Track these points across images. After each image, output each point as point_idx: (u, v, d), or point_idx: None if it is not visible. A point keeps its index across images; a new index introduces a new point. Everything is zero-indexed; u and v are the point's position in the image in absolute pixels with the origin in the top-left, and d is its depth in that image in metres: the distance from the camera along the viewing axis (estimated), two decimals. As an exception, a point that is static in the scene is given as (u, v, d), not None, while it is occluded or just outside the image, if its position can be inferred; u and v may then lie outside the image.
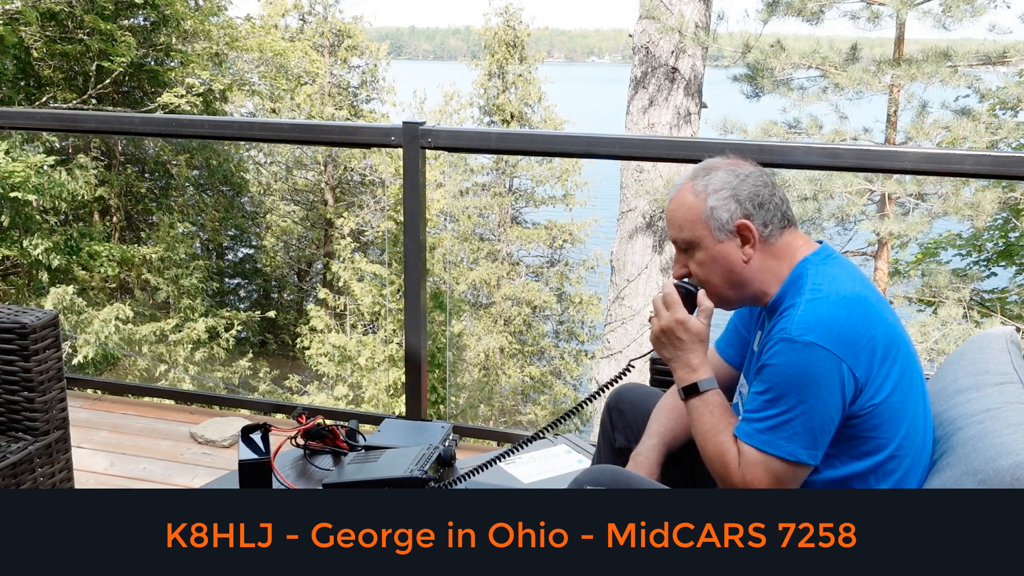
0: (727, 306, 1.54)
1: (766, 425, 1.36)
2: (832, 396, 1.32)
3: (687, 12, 6.75)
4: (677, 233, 1.49)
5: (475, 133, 6.30)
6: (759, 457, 1.36)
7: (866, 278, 1.46)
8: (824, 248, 1.48)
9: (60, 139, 12.63)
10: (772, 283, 1.46)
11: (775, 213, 1.46)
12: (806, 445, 1.34)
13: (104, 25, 11.92)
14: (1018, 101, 8.45)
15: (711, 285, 1.49)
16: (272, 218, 17.39)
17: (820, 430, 1.33)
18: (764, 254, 1.46)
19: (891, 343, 1.36)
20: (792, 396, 1.33)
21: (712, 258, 1.46)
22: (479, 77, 17.96)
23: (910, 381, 1.38)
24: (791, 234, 1.48)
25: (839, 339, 1.32)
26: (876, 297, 1.40)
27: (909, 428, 1.38)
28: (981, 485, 1.18)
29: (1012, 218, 9.72)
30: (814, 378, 1.32)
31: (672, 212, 1.50)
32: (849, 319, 1.34)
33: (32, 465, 2.10)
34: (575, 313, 17.31)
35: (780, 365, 1.35)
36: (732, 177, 1.46)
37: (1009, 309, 8.54)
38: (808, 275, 1.42)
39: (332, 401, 13.67)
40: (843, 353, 1.32)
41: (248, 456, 1.72)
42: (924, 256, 10.48)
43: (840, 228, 8.72)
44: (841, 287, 1.38)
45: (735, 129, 8.60)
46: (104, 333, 11.35)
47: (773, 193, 1.48)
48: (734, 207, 1.44)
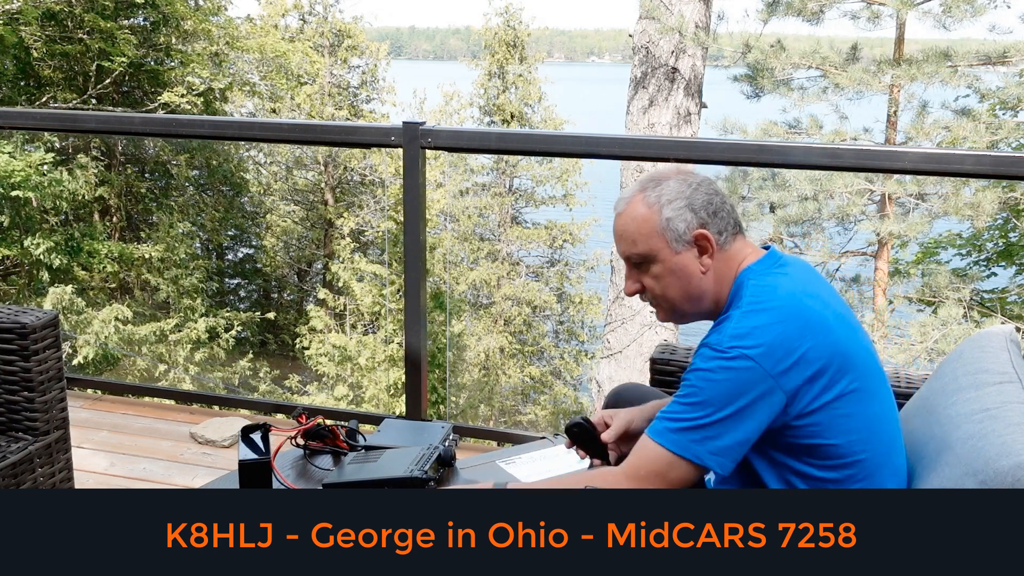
0: (681, 321, 1.50)
1: (680, 427, 1.33)
2: (753, 408, 1.29)
3: (687, 12, 6.75)
4: (630, 248, 1.44)
5: (475, 133, 6.30)
6: (664, 455, 1.33)
7: (819, 283, 1.43)
8: (770, 255, 1.45)
9: (60, 139, 12.63)
10: (724, 293, 1.43)
11: (728, 220, 1.44)
12: (715, 451, 1.31)
13: (104, 25, 11.93)
14: (1018, 101, 8.46)
15: (667, 300, 1.46)
16: (272, 218, 17.40)
17: (736, 440, 1.31)
18: (719, 263, 1.43)
19: (835, 353, 1.32)
20: (712, 403, 1.31)
21: (670, 271, 1.42)
22: (479, 77, 17.96)
23: (864, 392, 1.35)
24: (740, 241, 1.45)
25: (768, 352, 1.29)
26: (822, 306, 1.35)
27: (863, 440, 1.35)
28: (982, 485, 1.18)
29: (1012, 218, 9.72)
30: (737, 388, 1.29)
31: (623, 226, 1.44)
32: (783, 332, 1.30)
33: (32, 465, 2.10)
34: (575, 313, 17.31)
35: (705, 370, 1.32)
36: (684, 187, 1.43)
37: (1009, 309, 8.54)
38: (747, 285, 1.39)
39: (332, 401, 13.67)
40: (771, 367, 1.29)
41: (248, 456, 1.72)
42: (924, 256, 10.49)
43: (840, 228, 8.73)
44: (780, 297, 1.34)
45: (735, 129, 8.61)
46: (104, 333, 11.36)
47: (724, 201, 1.45)
48: (690, 217, 1.41)
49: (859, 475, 1.35)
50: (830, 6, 8.15)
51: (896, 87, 8.20)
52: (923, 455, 1.39)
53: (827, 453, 1.34)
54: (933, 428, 1.41)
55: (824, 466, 1.35)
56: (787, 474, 1.37)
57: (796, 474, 1.37)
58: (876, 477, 1.37)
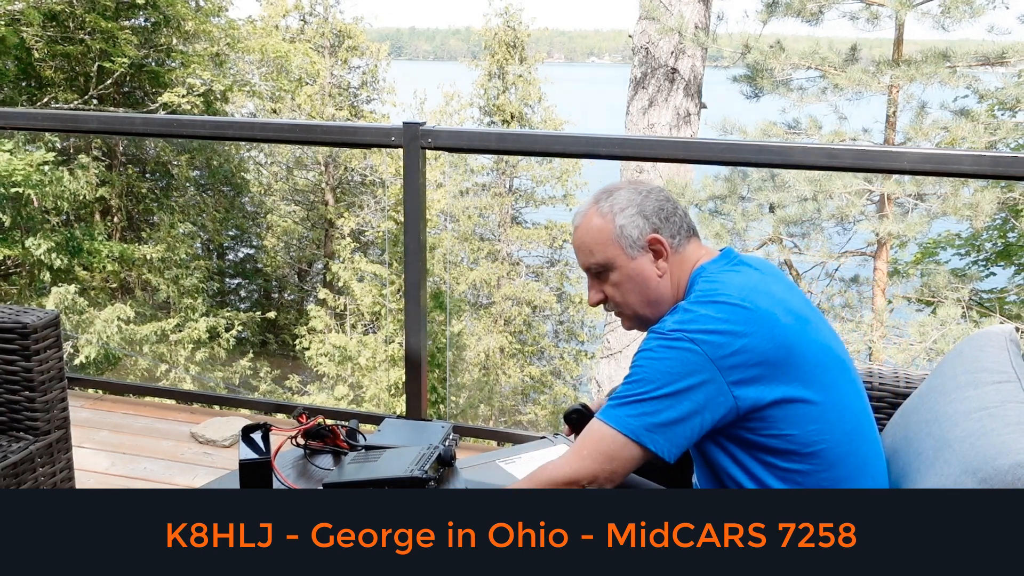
0: (644, 327, 1.53)
1: (619, 402, 1.35)
2: (693, 391, 1.31)
3: (687, 13, 6.76)
4: (588, 258, 1.49)
5: (475, 133, 6.30)
6: (602, 428, 1.35)
7: (775, 280, 1.44)
8: (725, 254, 1.48)
9: (61, 139, 12.64)
10: (682, 295, 1.47)
11: (680, 225, 1.48)
12: (650, 428, 1.32)
13: (105, 25, 11.94)
14: (1017, 102, 8.45)
15: (628, 306, 1.50)
16: (273, 218, 17.41)
17: (672, 418, 1.32)
18: (674, 266, 1.47)
19: (781, 346, 1.33)
20: (650, 382, 1.33)
21: (628, 277, 1.47)
22: (479, 77, 17.97)
23: (816, 385, 1.36)
24: (694, 244, 1.50)
25: (710, 338, 1.31)
26: (772, 302, 1.37)
27: (819, 430, 1.36)
28: (981, 484, 1.18)
29: (1011, 218, 9.73)
30: (676, 367, 1.32)
31: (580, 238, 1.50)
32: (727, 321, 1.33)
33: (33, 465, 2.11)
34: (575, 313, 17.32)
35: (647, 350, 1.36)
36: (635, 195, 1.48)
37: (1008, 309, 8.54)
38: (698, 282, 1.43)
39: (332, 401, 13.68)
40: (712, 352, 1.31)
41: (248, 456, 1.72)
42: (923, 256, 10.49)
43: (839, 228, 8.73)
44: (727, 291, 1.37)
45: (735, 129, 8.61)
46: (106, 333, 11.37)
47: (676, 207, 1.49)
48: (642, 223, 1.46)
49: (823, 464, 1.37)
50: (829, 7, 8.15)
51: (895, 88, 8.21)
52: (921, 453, 1.39)
53: (786, 446, 1.36)
54: (931, 426, 1.41)
55: (787, 459, 1.37)
56: (756, 469, 1.39)
57: (764, 466, 1.39)
58: (840, 467, 1.38)
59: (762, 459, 1.38)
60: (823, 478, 1.38)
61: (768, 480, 1.39)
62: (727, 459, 1.41)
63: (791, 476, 1.38)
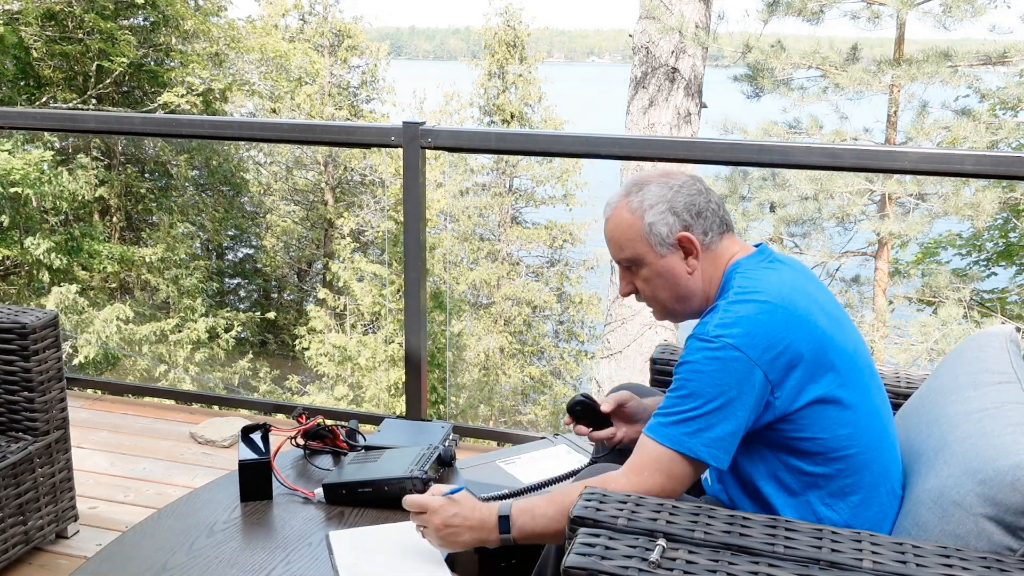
0: (675, 319, 1.53)
1: (671, 420, 1.33)
2: (742, 398, 1.30)
3: (687, 12, 6.75)
4: (619, 253, 1.48)
5: (475, 133, 6.29)
6: (658, 448, 1.33)
7: (809, 281, 1.44)
8: (760, 251, 1.46)
9: (60, 139, 12.63)
10: (714, 291, 1.45)
11: (713, 220, 1.45)
12: (708, 443, 1.31)
13: (104, 25, 11.93)
14: (1018, 101, 8.45)
15: (659, 301, 1.49)
16: (272, 218, 17.40)
17: (728, 430, 1.31)
18: (706, 263, 1.45)
19: (819, 348, 1.33)
20: (702, 394, 1.31)
21: (657, 273, 1.45)
22: (479, 77, 17.96)
23: (850, 388, 1.35)
24: (729, 239, 1.47)
25: (753, 341, 1.30)
26: (808, 300, 1.36)
27: (850, 435, 1.35)
28: (981, 485, 1.18)
29: (1012, 218, 9.72)
30: (725, 377, 1.30)
31: (611, 232, 1.48)
32: (768, 322, 1.31)
33: (32, 465, 2.10)
34: (575, 313, 17.31)
35: (693, 363, 1.33)
36: (666, 190, 1.45)
37: (1009, 309, 8.54)
38: (735, 278, 1.41)
39: (332, 401, 13.68)
40: (757, 356, 1.29)
41: (248, 456, 1.72)
42: (924, 256, 10.49)
43: (840, 228, 8.73)
44: (766, 289, 1.35)
45: (735, 129, 8.62)
46: (105, 333, 11.36)
47: (709, 200, 1.46)
48: (672, 220, 1.43)
49: (848, 470, 1.36)
50: (830, 6, 8.15)
51: (896, 87, 8.20)
52: (922, 454, 1.39)
53: (814, 448, 1.35)
54: (932, 427, 1.41)
55: (813, 461, 1.36)
56: (777, 470, 1.38)
57: (786, 468, 1.37)
58: (865, 472, 1.37)
59: (785, 460, 1.37)
60: (844, 484, 1.36)
61: (788, 481, 1.38)
62: (749, 457, 1.39)
63: (813, 479, 1.37)
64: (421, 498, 1.46)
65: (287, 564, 1.48)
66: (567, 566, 1.05)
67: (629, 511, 1.17)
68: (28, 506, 2.12)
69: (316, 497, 1.70)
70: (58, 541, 2.27)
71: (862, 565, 1.06)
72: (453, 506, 1.43)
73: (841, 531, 1.14)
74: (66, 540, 2.28)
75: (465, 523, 1.41)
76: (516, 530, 1.40)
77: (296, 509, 1.67)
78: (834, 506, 1.36)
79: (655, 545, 1.09)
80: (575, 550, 1.08)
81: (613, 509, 1.17)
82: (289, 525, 1.62)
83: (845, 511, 1.36)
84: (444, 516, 1.42)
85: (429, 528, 1.44)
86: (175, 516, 1.65)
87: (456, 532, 1.42)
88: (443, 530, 1.42)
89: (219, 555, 1.51)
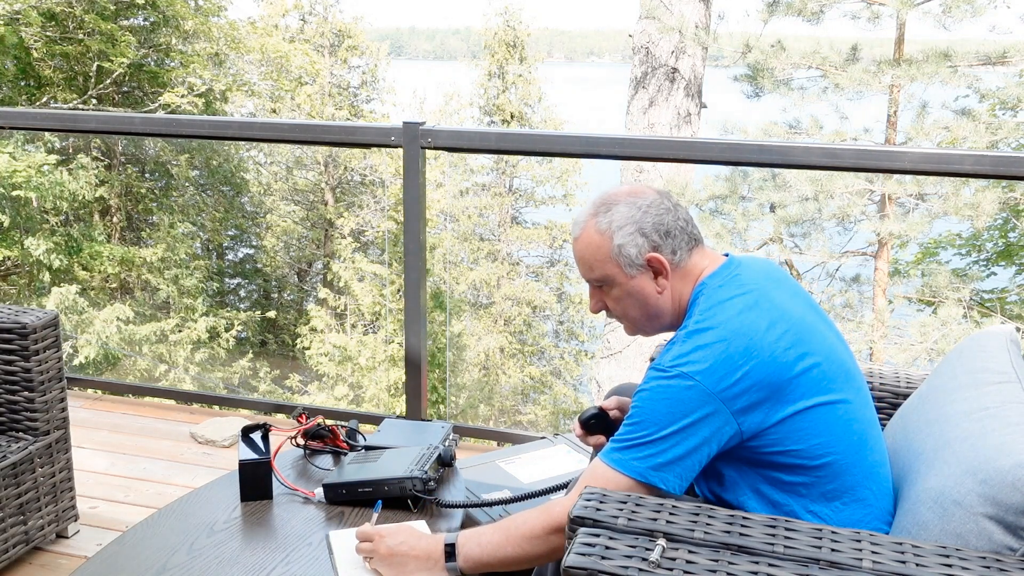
0: (646, 335, 1.53)
1: (623, 445, 1.34)
2: (697, 426, 1.30)
3: (687, 12, 6.76)
4: (588, 273, 1.48)
5: (475, 133, 6.29)
6: (607, 472, 1.34)
7: (779, 286, 1.42)
8: (727, 264, 1.45)
9: (60, 139, 12.64)
10: (684, 308, 1.45)
11: (681, 238, 1.45)
12: (657, 468, 1.31)
13: (104, 25, 11.93)
14: (1018, 101, 8.45)
15: (629, 319, 1.49)
16: (272, 218, 17.40)
17: (677, 455, 1.31)
18: (675, 280, 1.45)
19: (784, 368, 1.31)
20: (652, 424, 1.32)
21: (627, 293, 1.45)
22: (479, 77, 17.97)
23: (824, 397, 1.34)
24: (698, 253, 1.46)
25: (710, 369, 1.30)
26: (772, 318, 1.34)
27: (826, 443, 1.34)
28: (982, 484, 1.18)
29: (1012, 218, 9.72)
30: (677, 406, 1.30)
31: (580, 252, 1.48)
32: (726, 352, 1.30)
33: (32, 465, 2.11)
34: (575, 313, 17.31)
35: (647, 390, 1.34)
36: (634, 210, 1.44)
37: (1009, 309, 8.54)
38: (698, 302, 1.41)
39: (332, 401, 13.69)
40: (713, 385, 1.29)
41: (248, 456, 1.72)
42: (924, 256, 10.49)
43: (840, 228, 8.73)
44: (726, 319, 1.34)
45: (735, 129, 8.62)
46: (105, 333, 11.37)
47: (677, 216, 1.45)
48: (641, 241, 1.43)
49: (827, 476, 1.36)
50: (830, 6, 8.15)
51: (896, 87, 8.20)
52: (922, 454, 1.39)
53: (790, 461, 1.35)
54: (932, 427, 1.40)
55: (791, 472, 1.36)
56: (758, 483, 1.38)
57: (766, 481, 1.38)
58: (846, 476, 1.37)
59: (764, 474, 1.37)
60: (827, 489, 1.36)
61: (770, 493, 1.38)
62: (730, 473, 1.40)
63: (796, 488, 1.37)
64: (370, 528, 1.48)
65: (287, 564, 1.48)
66: (567, 566, 1.06)
67: (629, 511, 1.17)
68: (28, 506, 2.12)
69: (316, 497, 1.70)
70: (58, 541, 2.27)
71: (862, 565, 1.06)
72: (401, 534, 1.45)
73: (841, 531, 1.14)
74: (66, 540, 2.28)
75: (411, 552, 1.43)
76: (462, 559, 1.41)
77: (296, 509, 1.67)
78: (819, 512, 1.37)
79: (655, 545, 1.09)
80: (575, 550, 1.08)
81: (613, 509, 1.17)
82: (289, 525, 1.62)
83: (831, 516, 1.36)
84: (391, 544, 1.44)
85: (376, 556, 1.45)
86: (175, 516, 1.65)
87: (402, 561, 1.43)
88: (389, 558, 1.43)
89: (219, 555, 1.51)
